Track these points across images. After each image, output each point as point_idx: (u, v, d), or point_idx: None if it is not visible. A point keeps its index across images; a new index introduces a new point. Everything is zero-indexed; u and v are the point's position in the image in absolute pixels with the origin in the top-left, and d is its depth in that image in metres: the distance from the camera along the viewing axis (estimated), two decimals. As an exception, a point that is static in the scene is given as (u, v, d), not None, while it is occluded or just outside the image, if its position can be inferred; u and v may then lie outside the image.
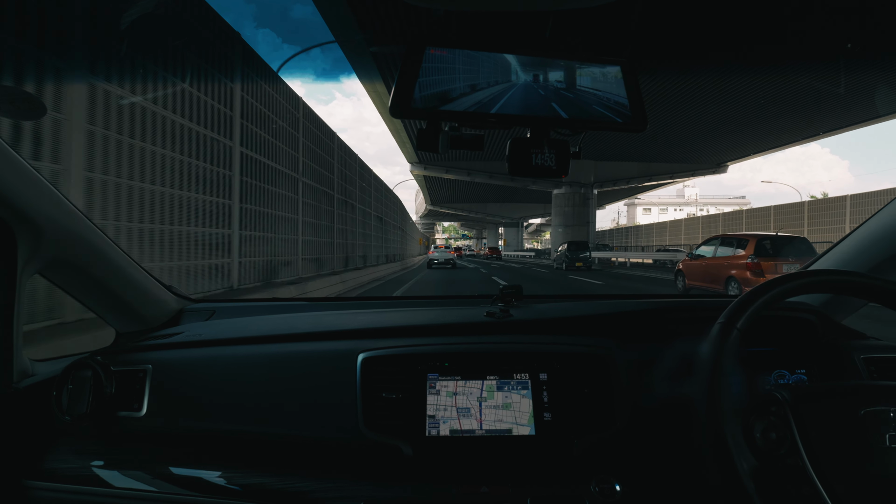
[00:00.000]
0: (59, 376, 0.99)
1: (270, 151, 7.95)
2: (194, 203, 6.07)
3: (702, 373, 0.79)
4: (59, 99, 4.00)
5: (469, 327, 1.15)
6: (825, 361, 1.10)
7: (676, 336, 0.97)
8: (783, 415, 0.72)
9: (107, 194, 4.67)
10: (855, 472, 0.68)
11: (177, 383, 1.03)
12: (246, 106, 7.23)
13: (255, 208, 7.36)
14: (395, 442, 0.92)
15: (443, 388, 0.98)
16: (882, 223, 1.20)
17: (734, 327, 0.79)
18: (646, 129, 0.88)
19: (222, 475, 0.93)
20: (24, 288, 0.96)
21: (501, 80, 0.83)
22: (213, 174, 6.25)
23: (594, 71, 0.87)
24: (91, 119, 4.37)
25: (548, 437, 0.94)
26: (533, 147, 0.88)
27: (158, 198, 5.53)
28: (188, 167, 6.01)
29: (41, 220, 0.95)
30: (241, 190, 6.89)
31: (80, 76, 4.26)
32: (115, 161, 4.75)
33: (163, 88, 5.53)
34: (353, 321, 1.19)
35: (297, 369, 1.02)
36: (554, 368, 1.00)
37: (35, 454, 0.97)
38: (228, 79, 7.12)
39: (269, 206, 7.88)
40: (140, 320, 1.28)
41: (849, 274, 0.85)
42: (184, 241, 5.94)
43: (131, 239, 5.09)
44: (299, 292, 7.97)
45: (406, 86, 0.78)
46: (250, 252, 7.22)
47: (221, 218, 6.62)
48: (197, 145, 6.12)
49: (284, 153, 8.57)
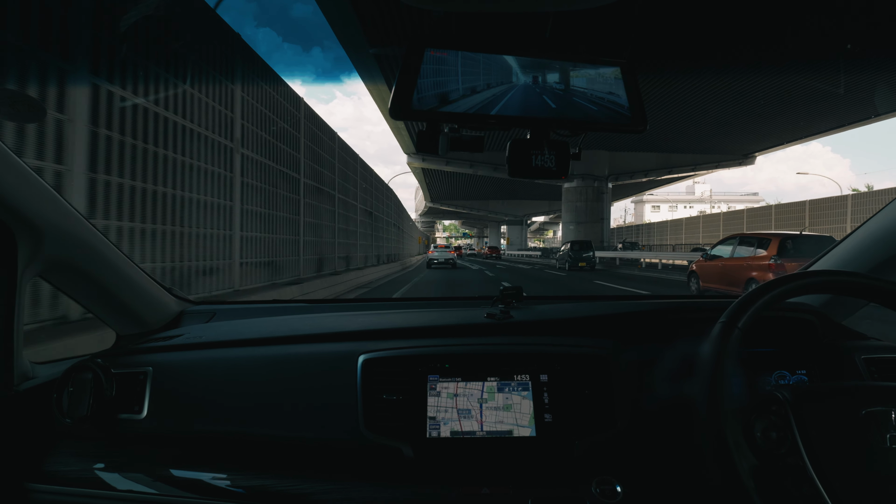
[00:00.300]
0: (60, 379, 0.99)
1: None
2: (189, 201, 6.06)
3: (703, 373, 0.78)
4: (63, 100, 4.03)
5: (469, 329, 1.15)
6: (826, 362, 1.10)
7: (677, 336, 0.97)
8: (784, 414, 0.72)
9: (109, 195, 4.70)
10: (855, 471, 0.68)
11: (177, 385, 1.03)
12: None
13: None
14: (396, 443, 0.92)
15: (443, 389, 0.98)
16: (883, 223, 1.20)
17: (735, 327, 0.79)
18: (646, 129, 0.88)
19: (223, 477, 0.93)
20: (24, 291, 0.96)
21: (501, 81, 0.83)
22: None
23: (594, 72, 0.87)
24: (94, 120, 4.41)
25: (549, 439, 0.94)
26: (533, 148, 0.88)
27: (161, 199, 5.55)
28: (189, 168, 6.01)
29: (41, 222, 0.95)
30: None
31: (83, 77, 4.31)
32: (117, 161, 4.78)
33: (164, 90, 5.55)
34: (353, 323, 1.19)
35: (298, 371, 1.02)
36: (554, 369, 1.00)
37: (36, 457, 0.97)
38: (228, 79, 7.10)
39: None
40: (140, 322, 1.29)
41: (850, 274, 0.85)
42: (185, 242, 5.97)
43: (133, 239, 5.12)
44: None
45: (406, 87, 0.78)
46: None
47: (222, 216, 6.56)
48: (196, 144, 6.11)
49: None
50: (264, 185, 8.46)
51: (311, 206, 10.22)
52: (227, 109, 7.12)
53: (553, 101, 0.85)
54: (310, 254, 10.25)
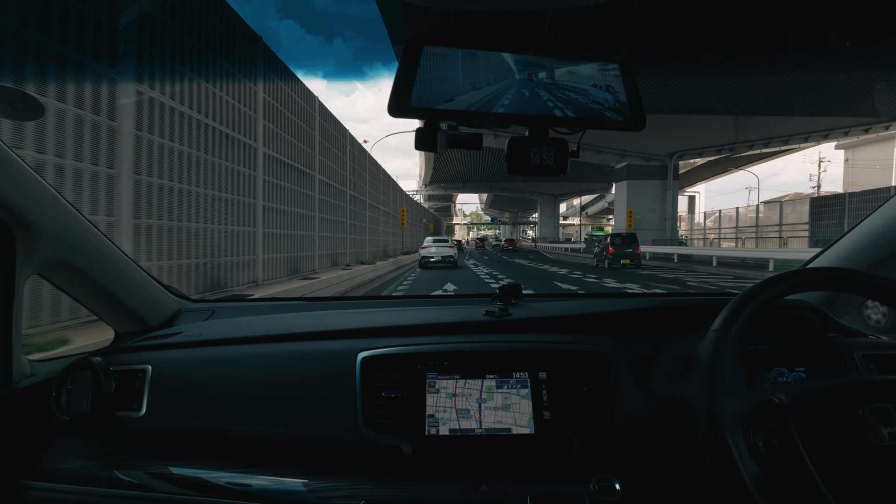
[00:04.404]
0: (59, 376, 0.99)
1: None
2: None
3: (700, 375, 0.78)
4: (112, 107, 4.63)
5: (468, 326, 1.14)
6: (824, 359, 1.10)
7: (676, 334, 0.97)
8: (783, 420, 0.71)
9: (139, 193, 5.17)
10: (857, 471, 0.69)
11: (176, 383, 1.03)
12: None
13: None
14: (395, 441, 0.92)
15: (442, 387, 0.98)
16: (882, 220, 1.20)
17: (731, 327, 0.79)
18: (644, 127, 0.87)
19: (222, 475, 0.93)
20: (22, 289, 0.97)
21: (500, 78, 0.83)
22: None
23: (592, 69, 0.86)
24: (139, 125, 4.97)
25: (547, 436, 0.94)
26: (531, 146, 0.88)
27: (189, 197, 6.04)
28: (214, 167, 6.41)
29: (39, 220, 0.95)
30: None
31: (129, 85, 4.91)
32: (157, 163, 5.37)
33: (193, 92, 6.07)
34: (352, 320, 1.19)
35: (297, 369, 1.02)
36: (553, 367, 1.00)
37: (34, 454, 0.97)
38: (251, 80, 7.40)
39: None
40: (139, 320, 1.29)
41: (847, 271, 0.85)
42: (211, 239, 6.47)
43: (163, 236, 5.62)
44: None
45: (404, 85, 0.78)
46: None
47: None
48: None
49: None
50: (283, 183, 9.05)
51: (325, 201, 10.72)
52: (251, 110, 7.52)
53: (551, 99, 0.84)
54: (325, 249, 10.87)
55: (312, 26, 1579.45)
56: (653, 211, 24.73)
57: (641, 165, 24.29)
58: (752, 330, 0.80)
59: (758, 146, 22.78)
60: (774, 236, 22.58)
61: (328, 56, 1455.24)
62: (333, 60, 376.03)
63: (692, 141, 23.12)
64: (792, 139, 22.42)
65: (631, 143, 23.29)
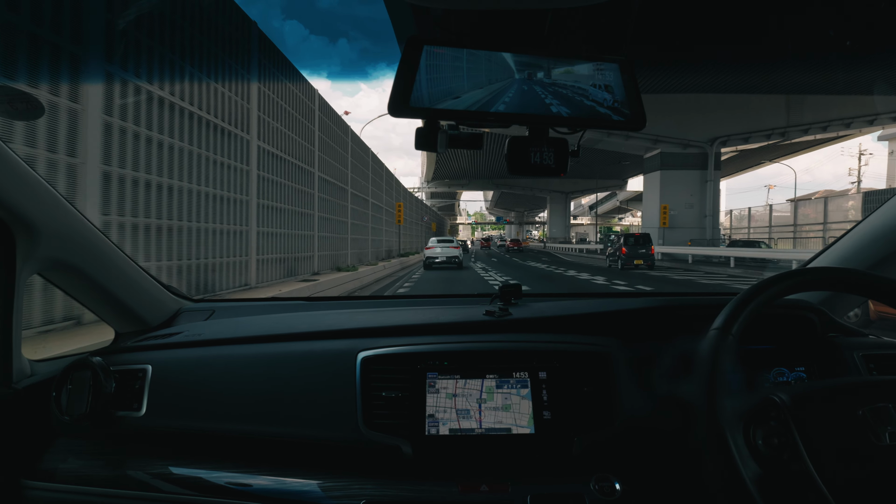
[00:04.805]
0: (59, 376, 0.99)
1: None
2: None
3: (700, 375, 0.78)
4: (76, 88, 3.88)
5: (468, 326, 1.14)
6: (824, 359, 1.10)
7: (676, 334, 0.97)
8: (783, 419, 0.71)
9: (124, 189, 4.65)
10: (857, 471, 0.68)
11: (176, 383, 1.03)
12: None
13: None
14: (395, 441, 0.92)
15: (442, 387, 0.98)
16: (882, 220, 1.20)
17: (732, 326, 0.79)
18: (644, 127, 0.88)
19: (222, 475, 0.93)
20: (22, 288, 0.97)
21: (500, 78, 0.83)
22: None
23: (592, 69, 0.86)
24: (108, 110, 4.27)
25: (547, 436, 0.94)
26: (532, 145, 0.88)
27: (169, 192, 5.46)
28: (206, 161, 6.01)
29: (39, 219, 0.95)
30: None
31: (97, 66, 4.17)
32: (130, 153, 4.70)
33: (179, 79, 5.50)
34: (352, 320, 1.19)
35: (297, 369, 1.02)
36: (553, 367, 1.00)
37: (34, 454, 0.97)
38: (244, 67, 6.97)
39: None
40: (139, 320, 1.29)
41: (847, 271, 0.85)
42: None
43: (141, 236, 5.08)
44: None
45: (404, 85, 0.78)
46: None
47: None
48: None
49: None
50: (279, 179, 8.51)
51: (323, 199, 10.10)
52: (243, 99, 7.14)
53: (551, 99, 0.84)
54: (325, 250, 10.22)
55: (317, 27, 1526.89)
56: (690, 206, 21.36)
57: (677, 153, 20.82)
58: (752, 330, 0.80)
59: (814, 130, 18.97)
60: (815, 236, 19.48)
61: (332, 56, 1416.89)
62: (338, 61, 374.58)
63: (736, 124, 19.52)
64: (854, 122, 18.57)
65: (665, 128, 20.30)
